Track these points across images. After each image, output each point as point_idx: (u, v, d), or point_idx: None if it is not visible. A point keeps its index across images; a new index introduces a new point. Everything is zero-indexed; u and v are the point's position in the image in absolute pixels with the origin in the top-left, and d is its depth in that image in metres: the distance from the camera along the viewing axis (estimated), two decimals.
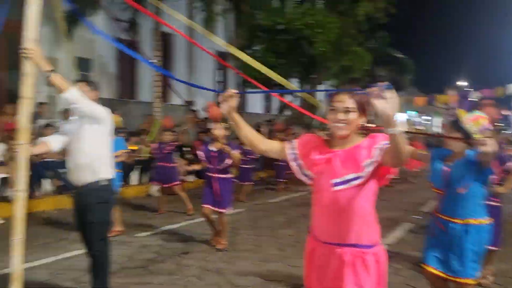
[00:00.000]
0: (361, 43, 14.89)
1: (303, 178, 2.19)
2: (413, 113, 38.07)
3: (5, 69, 10.65)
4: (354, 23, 14.22)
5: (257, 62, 3.43)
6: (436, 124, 41.22)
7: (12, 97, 9.91)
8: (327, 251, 2.14)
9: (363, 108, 2.07)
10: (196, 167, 6.29)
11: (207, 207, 5.50)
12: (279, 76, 3.40)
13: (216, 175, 5.52)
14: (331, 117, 2.09)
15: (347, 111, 2.04)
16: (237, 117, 2.22)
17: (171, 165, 7.86)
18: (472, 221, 3.10)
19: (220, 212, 5.54)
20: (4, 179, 7.47)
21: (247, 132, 2.27)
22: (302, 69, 13.98)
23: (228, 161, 5.47)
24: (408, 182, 12.49)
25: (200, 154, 5.66)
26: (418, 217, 7.92)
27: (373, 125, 2.34)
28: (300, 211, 8.22)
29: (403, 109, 29.19)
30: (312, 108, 16.90)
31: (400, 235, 6.53)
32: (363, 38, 15.73)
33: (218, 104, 6.72)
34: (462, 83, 43.96)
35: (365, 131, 2.21)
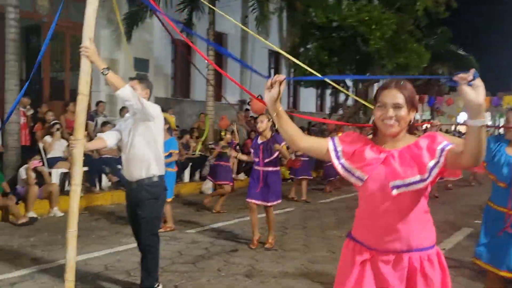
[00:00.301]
0: (419, 39, 14.29)
1: (352, 179, 1.95)
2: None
3: (70, 70, 11.22)
4: (412, 19, 13.67)
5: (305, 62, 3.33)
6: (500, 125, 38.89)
7: (74, 96, 10.43)
8: (390, 260, 1.95)
9: (412, 103, 1.92)
10: (243, 157, 6.32)
11: (252, 202, 5.46)
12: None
13: (263, 168, 5.46)
14: (379, 114, 1.92)
15: (397, 106, 1.88)
16: (279, 108, 1.94)
17: (227, 164, 7.98)
18: None
19: (267, 206, 5.47)
20: (65, 174, 7.87)
21: (288, 126, 2.00)
22: (356, 67, 13.66)
23: (274, 153, 5.40)
24: (469, 185, 11.89)
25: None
26: (479, 221, 7.50)
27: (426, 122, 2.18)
28: (351, 212, 7.98)
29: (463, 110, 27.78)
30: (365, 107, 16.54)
31: (458, 240, 6.20)
32: (421, 34, 15.09)
33: (261, 97, 6.69)
34: None
35: (415, 130, 2.04)
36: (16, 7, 7.59)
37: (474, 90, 1.56)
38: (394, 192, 1.85)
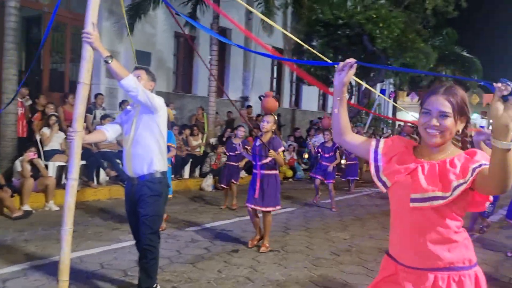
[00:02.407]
0: (426, 39, 14.08)
1: (379, 184, 1.89)
2: (477, 115, 36.11)
3: (70, 62, 11.03)
4: (420, 18, 13.47)
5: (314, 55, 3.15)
6: None
7: (74, 88, 10.26)
8: (416, 277, 1.80)
9: (461, 112, 1.75)
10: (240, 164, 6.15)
11: (250, 206, 5.28)
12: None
13: (260, 171, 5.26)
14: (423, 121, 1.78)
15: (442, 115, 1.73)
16: (345, 93, 1.94)
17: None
18: None
19: (264, 212, 5.27)
20: (62, 167, 7.69)
21: (344, 115, 1.99)
22: (361, 66, 13.48)
23: (268, 158, 5.17)
24: None
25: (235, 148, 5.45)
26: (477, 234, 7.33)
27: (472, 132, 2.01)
28: (355, 214, 7.87)
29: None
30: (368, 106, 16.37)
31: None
32: (428, 34, 14.90)
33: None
34: None
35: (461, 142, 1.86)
36: None
37: (506, 107, 1.42)
38: (411, 204, 1.76)
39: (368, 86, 5.13)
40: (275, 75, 18.16)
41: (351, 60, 1.80)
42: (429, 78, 21.79)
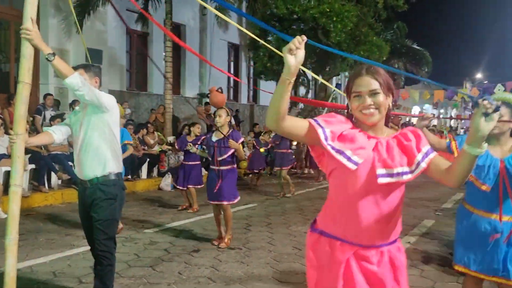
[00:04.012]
0: (379, 33, 14.39)
1: (346, 163, 1.73)
2: (429, 106, 37.50)
3: (15, 61, 10.48)
4: (372, 12, 13.73)
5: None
6: (453, 116, 40.57)
7: None
8: (373, 255, 1.85)
9: (388, 87, 1.81)
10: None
11: (213, 202, 5.22)
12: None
13: (218, 167, 5.17)
14: (357, 104, 1.79)
15: (373, 93, 1.77)
16: (294, 76, 1.68)
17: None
18: None
19: (224, 205, 5.21)
20: (9, 173, 7.27)
21: (287, 99, 1.68)
22: (317, 60, 13.58)
23: (229, 151, 5.11)
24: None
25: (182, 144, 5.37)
26: (439, 213, 7.58)
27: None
28: (315, 207, 7.92)
29: (418, 102, 28.62)
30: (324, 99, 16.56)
31: (421, 232, 6.18)
32: (380, 28, 15.23)
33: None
34: (480, 76, 43.20)
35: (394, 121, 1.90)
36: None
37: (486, 122, 1.54)
38: (379, 180, 1.73)
39: (323, 81, 5.12)
40: (232, 71, 18.04)
41: (303, 37, 1.64)
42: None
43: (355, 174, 1.77)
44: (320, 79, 8.01)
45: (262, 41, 4.94)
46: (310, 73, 12.71)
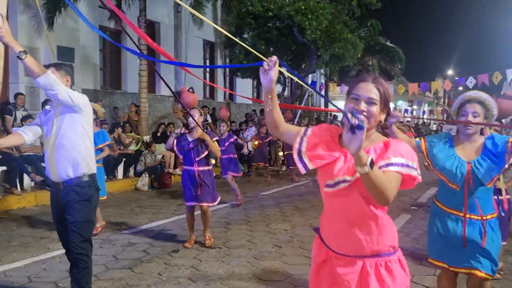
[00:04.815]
0: (353, 30, 14.55)
1: (299, 166, 1.87)
2: (402, 102, 38.11)
3: None
4: (346, 9, 13.86)
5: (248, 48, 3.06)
6: (425, 112, 41.42)
7: None
8: (345, 263, 1.86)
9: (386, 103, 1.83)
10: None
11: (191, 204, 5.13)
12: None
13: (195, 168, 5.10)
14: (350, 106, 1.81)
15: (370, 102, 1.79)
16: (274, 91, 1.87)
17: (235, 156, 8.04)
18: (489, 216, 2.83)
19: (204, 207, 5.17)
20: None
21: (277, 109, 1.93)
22: (293, 57, 13.63)
23: (205, 152, 5.08)
24: None
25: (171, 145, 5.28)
26: (415, 207, 7.71)
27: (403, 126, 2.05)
28: (294, 204, 7.95)
29: (394, 98, 29.06)
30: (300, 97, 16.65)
31: (399, 227, 6.27)
32: (354, 25, 15.40)
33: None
34: (451, 72, 44.22)
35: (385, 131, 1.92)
36: None
37: (352, 137, 1.51)
38: (324, 189, 1.83)
39: (298, 80, 5.11)
40: (207, 69, 17.91)
41: (274, 58, 1.77)
42: (357, 68, 22.58)
43: (320, 181, 1.88)
44: (295, 78, 8.03)
45: (236, 39, 4.91)
46: (285, 72, 12.75)
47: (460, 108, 2.87)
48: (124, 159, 9.64)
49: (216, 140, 5.19)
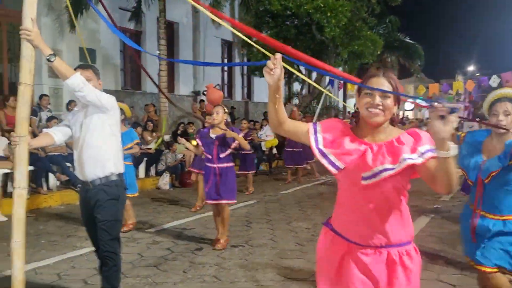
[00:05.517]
0: (372, 27, 14.41)
1: (329, 167, 1.87)
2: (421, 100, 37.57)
3: (8, 62, 10.37)
4: (365, 6, 13.74)
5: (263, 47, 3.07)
6: None
7: (14, 90, 9.69)
8: (369, 253, 1.90)
9: (397, 96, 1.87)
10: (191, 147, 5.51)
11: (211, 202, 5.10)
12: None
13: (218, 165, 5.07)
14: (365, 101, 1.84)
15: (384, 95, 1.83)
16: (280, 90, 1.84)
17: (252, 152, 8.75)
18: (510, 217, 2.81)
19: (223, 205, 5.09)
20: (7, 174, 7.22)
21: (282, 108, 1.91)
22: (311, 55, 13.58)
23: (229, 149, 5.03)
24: None
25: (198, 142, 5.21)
26: (438, 206, 7.62)
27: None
28: (314, 202, 7.94)
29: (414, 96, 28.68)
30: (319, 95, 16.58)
31: (421, 226, 6.22)
32: (374, 22, 15.25)
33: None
34: (472, 68, 43.44)
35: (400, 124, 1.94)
36: None
37: (444, 124, 1.55)
38: (363, 182, 1.82)
39: (314, 83, 5.07)
40: (225, 68, 18.01)
41: (278, 55, 1.75)
42: (376, 66, 22.32)
43: (345, 178, 1.90)
44: (309, 80, 8.01)
45: (250, 41, 4.95)
46: (300, 75, 12.72)
47: (491, 107, 2.84)
48: (145, 158, 9.76)
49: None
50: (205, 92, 6.13)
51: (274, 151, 12.88)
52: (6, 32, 10.19)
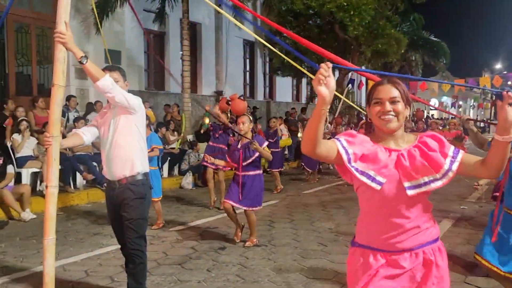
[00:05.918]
0: (396, 25, 14.21)
1: (373, 185, 1.80)
2: (447, 98, 36.94)
3: (37, 64, 10.65)
4: (389, 4, 13.56)
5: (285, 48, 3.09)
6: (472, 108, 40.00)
7: (43, 92, 9.98)
8: (406, 257, 1.89)
9: (407, 98, 1.88)
10: (221, 163, 5.45)
11: (228, 202, 5.15)
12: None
13: (242, 173, 5.13)
14: (376, 110, 1.85)
15: (393, 101, 1.83)
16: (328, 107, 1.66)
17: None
18: None
19: (248, 212, 5.18)
20: (36, 173, 7.43)
21: (321, 128, 1.69)
22: (334, 53, 13.50)
23: (253, 157, 5.08)
24: None
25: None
26: (464, 207, 7.50)
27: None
28: (337, 202, 7.91)
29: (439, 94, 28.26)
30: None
31: (446, 227, 6.13)
32: (398, 20, 15.03)
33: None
34: (499, 65, 42.40)
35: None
36: None
37: None
38: (409, 193, 1.80)
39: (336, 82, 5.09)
40: (247, 68, 18.06)
41: (329, 64, 1.58)
42: (400, 64, 22.05)
43: (382, 190, 1.82)
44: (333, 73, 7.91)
45: (266, 43, 4.95)
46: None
47: None
48: (169, 158, 9.89)
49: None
50: (229, 102, 6.16)
51: (286, 151, 12.87)
52: (35, 35, 10.45)
